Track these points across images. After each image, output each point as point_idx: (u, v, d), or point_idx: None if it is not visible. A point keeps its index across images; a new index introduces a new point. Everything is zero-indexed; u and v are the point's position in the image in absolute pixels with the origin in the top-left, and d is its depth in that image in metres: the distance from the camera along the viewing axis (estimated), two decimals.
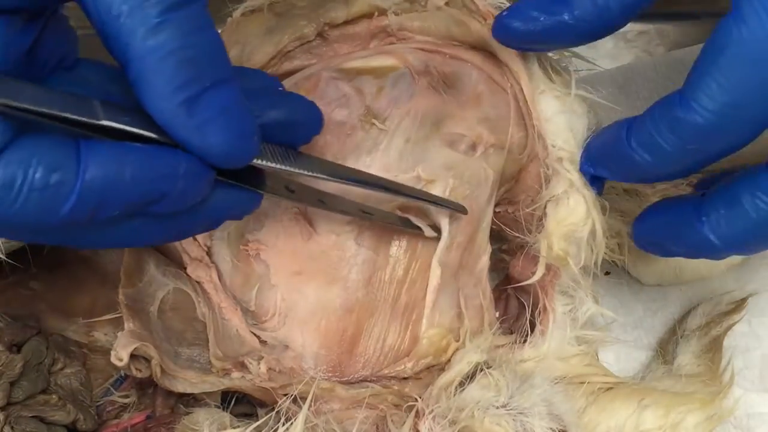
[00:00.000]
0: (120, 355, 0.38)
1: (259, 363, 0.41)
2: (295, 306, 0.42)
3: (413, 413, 0.41)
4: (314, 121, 0.38)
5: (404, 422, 0.40)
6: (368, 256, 0.41)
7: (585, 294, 0.44)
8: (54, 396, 0.41)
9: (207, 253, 0.43)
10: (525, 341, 0.43)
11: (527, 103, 0.43)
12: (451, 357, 0.42)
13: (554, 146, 0.41)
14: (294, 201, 0.39)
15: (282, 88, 0.38)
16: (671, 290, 0.53)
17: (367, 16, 0.44)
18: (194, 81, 0.29)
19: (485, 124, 0.43)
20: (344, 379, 0.42)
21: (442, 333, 0.42)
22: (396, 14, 0.44)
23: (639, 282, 0.53)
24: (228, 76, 0.31)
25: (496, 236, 0.46)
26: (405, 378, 0.43)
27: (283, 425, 0.39)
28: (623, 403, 0.42)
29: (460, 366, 0.41)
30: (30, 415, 0.39)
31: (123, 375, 0.44)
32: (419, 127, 0.41)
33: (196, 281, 0.43)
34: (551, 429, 0.40)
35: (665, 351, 0.50)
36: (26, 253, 0.43)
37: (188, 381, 0.40)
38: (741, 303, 0.50)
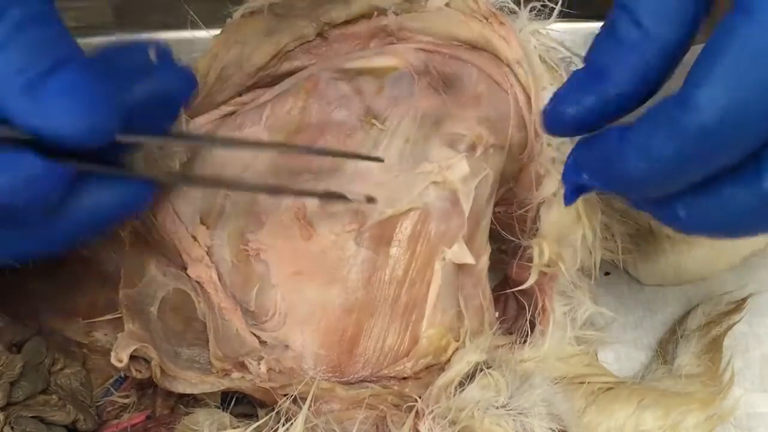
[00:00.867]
0: (120, 357, 0.38)
1: (259, 363, 0.41)
2: (295, 306, 0.42)
3: (413, 413, 0.41)
4: (187, 87, 0.36)
5: (404, 422, 0.40)
6: (368, 256, 0.41)
7: (582, 294, 0.44)
8: (54, 396, 0.40)
9: (207, 253, 0.43)
10: (525, 341, 0.43)
11: (528, 102, 0.43)
12: (451, 357, 0.42)
13: (549, 145, 0.41)
14: (195, 185, 0.38)
15: (153, 57, 0.36)
16: (671, 290, 0.53)
17: (367, 16, 0.44)
18: (33, 64, 0.29)
19: (485, 124, 0.43)
20: (344, 380, 0.42)
21: (442, 332, 0.42)
22: (396, 14, 0.44)
23: (639, 282, 0.53)
24: (71, 56, 0.30)
25: (496, 236, 0.46)
26: (405, 378, 0.43)
27: (283, 425, 0.39)
28: (623, 404, 0.42)
29: (460, 366, 0.41)
30: (30, 415, 0.39)
31: (123, 375, 0.44)
32: (419, 127, 0.41)
33: (197, 281, 0.43)
34: (551, 429, 0.40)
35: (665, 351, 0.50)
36: None
37: (188, 381, 0.40)
38: (741, 303, 0.50)
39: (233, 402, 0.43)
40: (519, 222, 0.44)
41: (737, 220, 0.33)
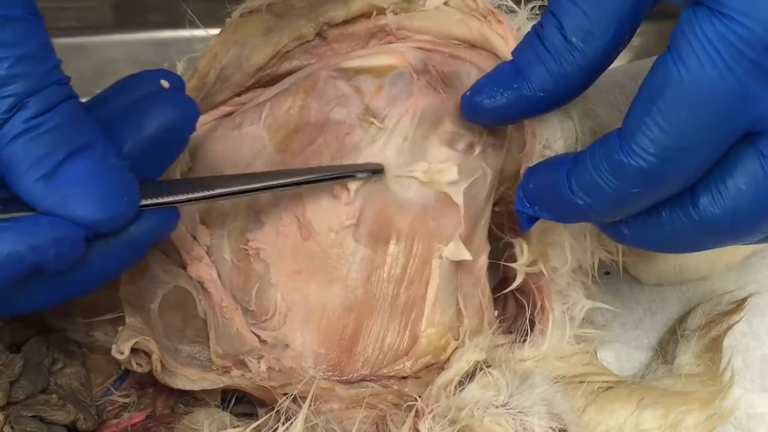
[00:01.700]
0: (121, 349, 0.38)
1: (259, 362, 0.41)
2: (295, 305, 0.42)
3: (413, 413, 0.41)
4: (193, 115, 0.36)
5: (404, 422, 0.40)
6: (366, 254, 0.41)
7: (577, 292, 0.44)
8: (54, 396, 0.40)
9: (207, 253, 0.43)
10: (524, 340, 0.43)
11: None
12: (451, 356, 0.42)
13: (542, 145, 0.41)
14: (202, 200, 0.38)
15: (166, 85, 0.36)
16: (671, 290, 0.53)
17: (366, 16, 0.44)
18: (48, 156, 0.30)
19: None
20: (344, 379, 0.42)
21: (441, 332, 0.42)
22: (395, 13, 0.44)
23: (639, 282, 0.53)
24: (86, 143, 0.31)
25: (496, 235, 0.46)
26: (404, 377, 0.43)
27: (283, 425, 0.39)
28: (623, 403, 0.42)
29: (460, 365, 0.41)
30: (30, 415, 0.39)
31: (123, 373, 0.44)
32: (418, 126, 0.42)
33: (197, 280, 0.43)
34: (551, 428, 0.40)
35: (665, 351, 0.50)
36: None
37: (188, 378, 0.40)
38: (741, 303, 0.50)
39: (233, 401, 0.43)
40: (509, 220, 0.45)
41: (675, 240, 0.35)
